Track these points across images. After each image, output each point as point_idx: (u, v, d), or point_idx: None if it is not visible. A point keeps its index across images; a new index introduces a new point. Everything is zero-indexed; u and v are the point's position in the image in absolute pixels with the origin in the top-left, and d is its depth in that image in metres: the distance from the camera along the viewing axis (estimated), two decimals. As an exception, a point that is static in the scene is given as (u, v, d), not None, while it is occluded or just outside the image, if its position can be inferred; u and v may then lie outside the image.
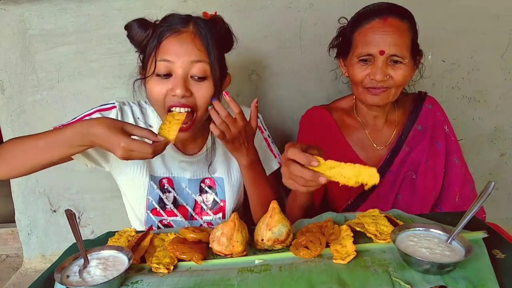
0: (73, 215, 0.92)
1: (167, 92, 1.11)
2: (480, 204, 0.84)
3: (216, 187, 1.33)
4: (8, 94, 1.82)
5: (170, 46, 1.10)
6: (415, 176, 1.29)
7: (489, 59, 1.80)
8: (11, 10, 1.71)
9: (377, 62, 1.17)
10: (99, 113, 1.22)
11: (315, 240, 0.90)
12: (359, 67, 1.21)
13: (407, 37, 1.18)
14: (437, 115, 1.35)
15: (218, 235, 0.91)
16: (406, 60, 1.17)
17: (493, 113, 1.88)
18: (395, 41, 1.15)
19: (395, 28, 1.16)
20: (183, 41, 1.10)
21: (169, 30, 1.11)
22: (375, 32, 1.17)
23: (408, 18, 1.20)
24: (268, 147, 1.40)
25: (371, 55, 1.17)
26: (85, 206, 1.99)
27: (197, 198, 1.32)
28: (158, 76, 1.11)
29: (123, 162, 1.24)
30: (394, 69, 1.17)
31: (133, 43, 1.19)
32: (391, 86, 1.19)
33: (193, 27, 1.12)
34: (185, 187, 1.31)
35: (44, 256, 2.08)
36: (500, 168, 1.99)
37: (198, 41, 1.10)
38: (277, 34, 1.73)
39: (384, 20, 1.17)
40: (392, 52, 1.15)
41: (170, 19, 1.14)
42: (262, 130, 1.39)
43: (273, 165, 1.40)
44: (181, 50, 1.09)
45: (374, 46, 1.16)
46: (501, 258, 0.85)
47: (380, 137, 1.35)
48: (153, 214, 1.29)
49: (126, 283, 0.84)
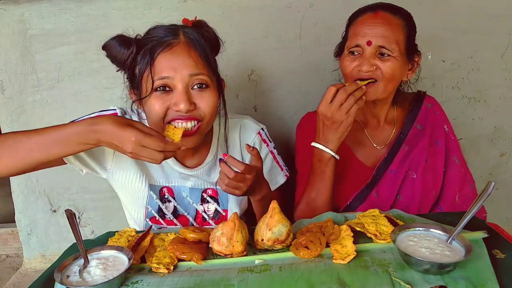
0: (73, 215, 0.92)
1: (169, 106, 1.07)
2: (480, 204, 0.84)
3: (219, 197, 1.29)
4: (8, 94, 1.82)
5: (165, 62, 1.05)
6: (415, 175, 1.29)
7: (489, 59, 1.80)
8: (11, 10, 1.71)
9: (365, 53, 1.17)
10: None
11: (315, 240, 0.90)
12: (349, 59, 1.21)
13: (398, 32, 1.18)
14: (437, 115, 1.35)
15: (218, 235, 0.91)
16: (396, 53, 1.16)
17: (493, 113, 1.88)
18: (383, 33, 1.15)
19: (384, 20, 1.17)
20: (178, 54, 1.06)
21: (160, 44, 1.06)
22: (364, 24, 1.19)
23: (402, 15, 1.21)
24: (274, 159, 1.36)
25: (359, 46, 1.18)
26: (85, 206, 1.99)
27: (198, 208, 1.29)
28: (156, 92, 1.07)
29: (121, 170, 1.21)
30: (382, 61, 1.17)
31: (115, 63, 1.12)
32: (379, 78, 1.18)
33: (183, 37, 1.08)
34: (186, 196, 1.27)
35: (44, 256, 2.08)
36: (500, 168, 1.99)
37: (193, 52, 1.07)
38: (277, 34, 1.73)
39: (375, 14, 1.19)
40: (380, 43, 1.15)
41: (157, 32, 1.09)
42: (267, 144, 1.35)
43: (280, 179, 1.37)
44: (177, 64, 1.05)
45: (362, 37, 1.17)
46: (501, 258, 0.85)
47: (379, 136, 1.35)
48: (152, 222, 1.26)
49: (126, 283, 0.84)
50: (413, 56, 1.25)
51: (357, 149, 1.34)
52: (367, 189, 1.28)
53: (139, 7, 1.70)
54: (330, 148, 1.17)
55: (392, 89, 1.24)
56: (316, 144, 1.20)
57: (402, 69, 1.22)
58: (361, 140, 1.35)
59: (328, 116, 1.14)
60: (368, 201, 1.28)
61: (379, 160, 1.31)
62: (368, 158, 1.33)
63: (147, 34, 1.11)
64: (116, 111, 1.22)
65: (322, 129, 1.18)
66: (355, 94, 1.13)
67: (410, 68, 1.26)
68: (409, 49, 1.21)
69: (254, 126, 1.34)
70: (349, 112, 1.13)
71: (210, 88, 1.10)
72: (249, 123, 1.34)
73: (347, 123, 1.14)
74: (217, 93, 1.13)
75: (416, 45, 1.26)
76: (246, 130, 1.32)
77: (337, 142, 1.17)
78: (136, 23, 1.70)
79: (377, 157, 1.33)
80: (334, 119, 1.14)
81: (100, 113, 1.21)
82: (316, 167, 1.22)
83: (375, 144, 1.34)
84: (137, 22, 1.70)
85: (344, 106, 1.12)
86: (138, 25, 1.21)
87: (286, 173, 1.37)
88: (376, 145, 1.34)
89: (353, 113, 1.13)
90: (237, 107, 1.80)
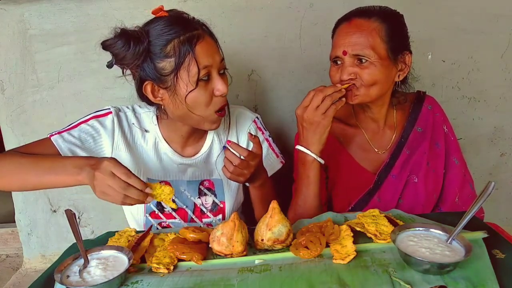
0: (73, 215, 0.92)
1: (212, 93, 1.11)
2: (480, 204, 0.84)
3: (215, 188, 1.32)
4: (8, 94, 1.82)
5: (204, 51, 1.08)
6: (417, 179, 1.29)
7: (489, 59, 1.80)
8: (11, 10, 1.71)
9: (344, 63, 1.18)
10: (95, 119, 1.21)
11: (315, 240, 0.90)
12: (333, 69, 1.23)
13: (373, 36, 1.15)
14: (437, 116, 1.34)
15: (218, 235, 0.91)
16: (373, 59, 1.15)
17: (493, 113, 1.88)
18: (356, 41, 1.15)
19: (358, 28, 1.16)
20: (208, 42, 1.10)
21: (193, 36, 1.07)
22: (340, 34, 1.19)
23: (379, 15, 1.18)
24: (270, 147, 1.40)
25: (338, 57, 1.19)
26: (85, 206, 1.99)
27: (196, 201, 1.31)
28: (201, 81, 1.09)
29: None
30: (361, 68, 1.17)
31: (122, 62, 1.09)
32: (359, 85, 1.18)
33: (200, 27, 1.11)
34: (184, 190, 1.30)
35: (44, 256, 2.08)
36: (500, 168, 1.99)
37: (211, 40, 1.12)
38: (277, 34, 1.74)
39: (349, 22, 1.19)
40: (354, 52, 1.15)
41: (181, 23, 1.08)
42: (262, 131, 1.38)
43: (276, 165, 1.39)
44: (211, 51, 1.10)
45: (338, 47, 1.18)
46: (501, 258, 0.85)
47: (380, 141, 1.34)
48: (151, 217, 1.28)
49: (126, 283, 0.84)
50: (399, 56, 1.20)
51: (358, 154, 1.33)
52: (369, 194, 1.28)
53: (139, 7, 1.70)
54: (312, 151, 1.18)
55: (379, 93, 1.20)
56: (299, 147, 1.20)
57: (387, 72, 1.18)
58: (362, 145, 1.34)
59: (304, 118, 1.16)
60: (370, 206, 1.27)
61: (380, 165, 1.30)
62: (369, 163, 1.32)
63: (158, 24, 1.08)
64: (111, 110, 1.24)
65: (302, 131, 1.19)
66: (333, 96, 1.14)
67: (400, 68, 1.22)
68: (393, 50, 1.18)
69: (249, 114, 1.37)
70: (326, 113, 1.14)
71: (225, 72, 1.17)
72: (245, 112, 1.38)
73: (324, 123, 1.15)
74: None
75: (405, 45, 1.22)
76: (242, 119, 1.36)
77: (318, 144, 1.18)
78: (136, 23, 1.68)
79: (378, 162, 1.32)
80: (311, 121, 1.15)
81: (95, 114, 1.23)
82: (300, 172, 1.22)
83: (376, 149, 1.33)
84: (137, 22, 1.68)
85: (320, 107, 1.14)
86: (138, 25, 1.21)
87: (281, 160, 1.41)
88: (377, 150, 1.33)
89: (330, 114, 1.14)
90: (237, 107, 1.80)
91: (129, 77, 1.18)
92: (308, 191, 1.21)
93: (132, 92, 1.21)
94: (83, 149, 1.17)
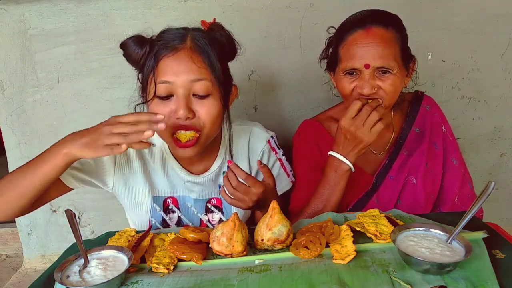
0: (73, 215, 0.92)
1: (170, 114, 1.04)
2: (480, 204, 0.84)
3: (223, 206, 1.28)
4: (8, 94, 1.82)
5: (168, 66, 1.03)
6: (415, 180, 1.28)
7: (489, 59, 1.80)
8: (11, 10, 1.71)
9: (364, 75, 1.12)
10: None
11: (315, 240, 0.90)
12: (346, 81, 1.17)
13: (394, 46, 1.12)
14: (435, 116, 1.33)
15: (218, 235, 0.91)
16: (395, 71, 1.12)
17: (493, 113, 1.89)
18: (380, 53, 1.09)
19: (379, 38, 1.10)
20: (181, 60, 1.03)
21: (165, 48, 1.04)
22: (358, 44, 1.11)
23: (393, 24, 1.14)
24: (282, 166, 1.34)
25: (356, 69, 1.13)
26: (85, 206, 1.99)
27: (203, 218, 1.28)
28: (159, 99, 1.05)
29: (124, 184, 1.21)
30: (383, 80, 1.12)
31: (130, 62, 1.11)
32: (382, 97, 1.14)
33: (190, 42, 1.05)
34: (191, 206, 1.26)
35: (44, 256, 2.08)
36: (500, 168, 1.99)
37: (196, 57, 1.04)
38: (277, 34, 1.74)
39: (367, 31, 1.11)
40: (378, 65, 1.10)
41: (166, 35, 1.06)
42: (276, 151, 1.33)
43: (286, 185, 1.34)
44: (179, 69, 1.02)
45: (358, 60, 1.11)
46: (501, 258, 0.85)
47: (378, 142, 1.31)
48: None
49: (126, 283, 0.84)
50: (407, 63, 1.20)
51: None
52: (367, 196, 1.28)
53: (139, 7, 1.70)
54: (349, 160, 1.15)
55: (395, 101, 1.20)
56: (336, 154, 1.16)
57: (402, 80, 1.18)
58: None
59: (351, 131, 1.11)
60: (369, 208, 1.26)
61: (378, 166, 1.30)
62: (367, 164, 1.31)
63: (159, 36, 1.08)
64: None
65: (343, 142, 1.15)
66: (379, 110, 1.10)
67: (407, 74, 1.22)
68: (404, 58, 1.17)
69: (263, 134, 1.31)
70: (372, 131, 1.10)
71: (212, 96, 1.06)
72: (259, 131, 1.32)
73: (368, 141, 1.11)
74: (220, 103, 1.08)
75: (409, 51, 1.21)
76: (256, 138, 1.30)
77: (355, 157, 1.15)
78: (136, 23, 1.70)
79: (376, 163, 1.31)
80: (356, 135, 1.11)
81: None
82: (331, 178, 1.18)
83: (374, 150, 1.32)
84: (137, 22, 1.70)
85: (367, 123, 1.10)
86: (138, 25, 1.21)
87: (292, 179, 1.35)
88: (375, 151, 1.32)
89: (376, 132, 1.10)
90: (237, 107, 1.80)
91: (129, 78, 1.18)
92: (334, 197, 1.18)
93: (132, 92, 1.21)
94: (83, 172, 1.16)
